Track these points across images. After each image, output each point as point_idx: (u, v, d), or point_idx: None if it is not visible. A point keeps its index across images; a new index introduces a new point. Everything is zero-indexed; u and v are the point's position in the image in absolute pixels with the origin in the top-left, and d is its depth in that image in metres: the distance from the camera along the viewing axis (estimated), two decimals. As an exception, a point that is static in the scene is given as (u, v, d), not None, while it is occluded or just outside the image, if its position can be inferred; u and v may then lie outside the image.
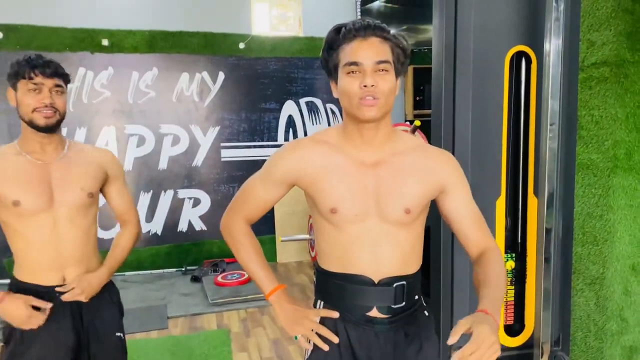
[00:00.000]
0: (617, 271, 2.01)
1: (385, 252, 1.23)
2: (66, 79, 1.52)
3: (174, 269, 4.67)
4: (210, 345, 3.14)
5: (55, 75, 1.46)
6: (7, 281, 4.20)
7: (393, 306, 1.25)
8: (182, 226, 4.80)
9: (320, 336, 1.26)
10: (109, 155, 1.69)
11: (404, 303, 1.26)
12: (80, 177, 1.54)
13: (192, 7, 4.70)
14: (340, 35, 1.16)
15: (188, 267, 4.68)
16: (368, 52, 1.13)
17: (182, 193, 4.78)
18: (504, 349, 2.02)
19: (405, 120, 5.02)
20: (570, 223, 2.01)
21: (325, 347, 1.25)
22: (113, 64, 4.50)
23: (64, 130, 1.60)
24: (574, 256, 2.15)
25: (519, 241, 1.98)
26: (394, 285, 1.24)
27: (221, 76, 4.81)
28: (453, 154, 1.89)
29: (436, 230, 1.89)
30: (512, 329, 2.02)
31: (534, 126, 1.90)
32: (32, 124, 1.46)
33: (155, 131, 4.67)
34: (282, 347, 3.12)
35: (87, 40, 4.43)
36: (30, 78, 1.43)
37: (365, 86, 1.13)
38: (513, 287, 1.99)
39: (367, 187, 1.22)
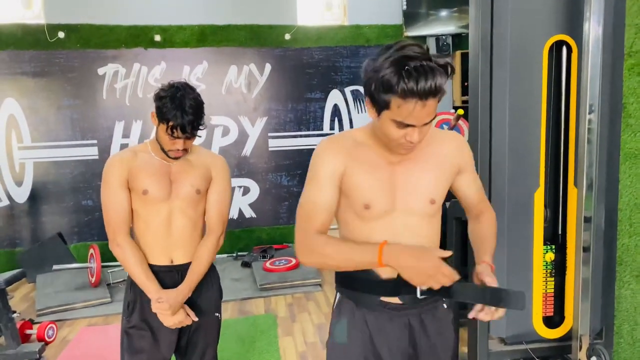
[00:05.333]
0: (665, 264, 1.94)
1: (404, 241, 1.24)
2: (204, 127, 1.76)
3: (225, 255, 4.85)
4: (257, 329, 3.28)
5: (191, 134, 1.70)
6: (74, 265, 4.43)
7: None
8: (233, 214, 4.98)
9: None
10: (219, 160, 1.92)
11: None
12: (191, 176, 1.79)
13: (239, 1, 4.82)
14: (398, 86, 1.06)
15: (239, 253, 4.86)
16: (422, 115, 1.11)
17: (233, 182, 4.87)
18: (543, 340, 2.01)
19: (452, 107, 4.94)
20: (614, 214, 1.96)
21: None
22: (165, 59, 4.70)
23: (121, 124, 1.75)
24: (621, 247, 2.09)
25: (559, 233, 1.96)
26: None
27: (268, 67, 4.91)
28: (490, 146, 1.89)
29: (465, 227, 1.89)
30: (552, 321, 2.00)
31: (575, 117, 1.86)
32: (164, 152, 1.73)
33: (206, 122, 4.84)
34: (326, 332, 3.19)
35: (141, 37, 4.64)
36: (171, 133, 1.66)
37: (409, 140, 1.15)
38: (553, 279, 1.97)
39: (394, 182, 1.26)
